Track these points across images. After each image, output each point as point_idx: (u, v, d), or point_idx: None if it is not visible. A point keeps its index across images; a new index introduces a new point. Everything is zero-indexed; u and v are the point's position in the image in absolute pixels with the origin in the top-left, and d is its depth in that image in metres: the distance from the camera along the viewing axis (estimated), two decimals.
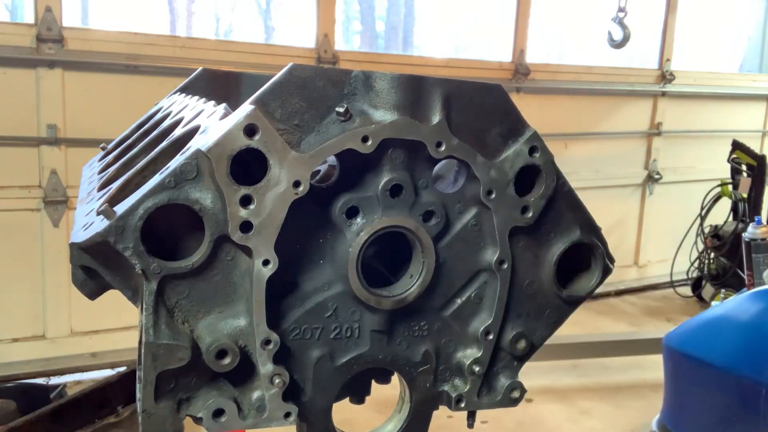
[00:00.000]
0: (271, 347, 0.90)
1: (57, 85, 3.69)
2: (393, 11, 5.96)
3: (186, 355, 0.84)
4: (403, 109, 0.93)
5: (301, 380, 0.97)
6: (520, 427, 3.48)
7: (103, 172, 1.22)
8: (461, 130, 0.96)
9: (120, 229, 0.82)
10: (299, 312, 0.96)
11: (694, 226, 5.65)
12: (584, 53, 6.58)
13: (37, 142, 3.69)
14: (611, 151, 5.84)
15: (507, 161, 0.99)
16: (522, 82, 5.22)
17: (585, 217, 1.08)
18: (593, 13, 6.03)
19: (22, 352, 3.81)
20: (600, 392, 3.92)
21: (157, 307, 0.85)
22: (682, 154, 6.19)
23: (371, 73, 0.92)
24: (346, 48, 5.05)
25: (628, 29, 4.57)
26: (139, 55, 3.85)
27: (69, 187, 3.76)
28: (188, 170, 0.84)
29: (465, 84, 0.97)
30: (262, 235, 0.87)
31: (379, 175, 0.96)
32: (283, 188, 0.87)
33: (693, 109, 6.21)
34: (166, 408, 0.88)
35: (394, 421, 1.06)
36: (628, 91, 5.81)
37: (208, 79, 1.64)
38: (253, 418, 0.92)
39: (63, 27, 3.66)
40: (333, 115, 0.90)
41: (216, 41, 4.46)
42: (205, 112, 1.07)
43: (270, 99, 0.87)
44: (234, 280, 0.90)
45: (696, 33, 6.67)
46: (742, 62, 7.24)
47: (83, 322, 3.92)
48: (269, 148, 0.86)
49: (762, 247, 4.30)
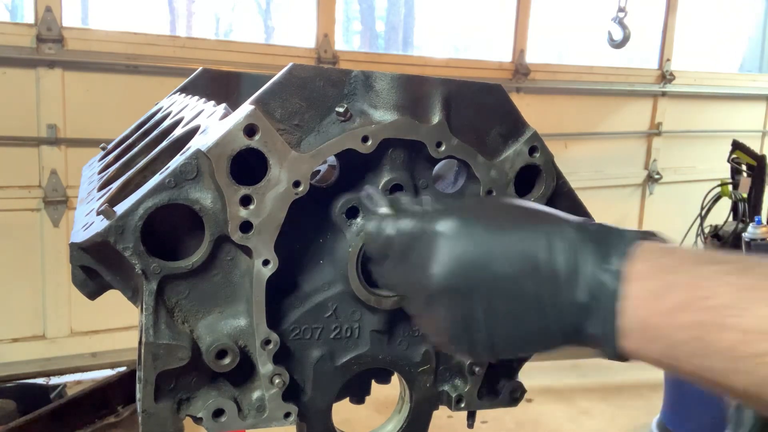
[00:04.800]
0: (271, 347, 0.90)
1: (57, 85, 3.69)
2: (393, 11, 5.96)
3: (186, 355, 0.84)
4: (403, 109, 0.93)
5: (301, 380, 0.97)
6: (520, 427, 3.48)
7: (103, 172, 1.22)
8: (461, 130, 0.96)
9: (120, 229, 0.82)
10: (299, 312, 0.96)
11: (694, 226, 5.65)
12: (584, 53, 6.58)
13: (37, 142, 3.69)
14: (611, 151, 5.84)
15: (507, 161, 0.99)
16: (522, 82, 5.22)
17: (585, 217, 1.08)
18: (593, 13, 6.03)
19: (22, 352, 3.80)
20: (600, 392, 3.92)
21: (157, 307, 0.85)
22: (682, 154, 6.19)
23: (371, 73, 0.92)
24: (346, 48, 5.05)
25: (628, 29, 4.57)
26: (139, 55, 3.85)
27: (69, 187, 3.76)
28: (188, 170, 0.84)
29: (465, 84, 0.97)
30: (262, 235, 0.87)
31: (379, 175, 0.96)
32: (283, 188, 0.87)
33: (693, 109, 6.21)
34: (166, 408, 0.88)
35: (394, 421, 1.06)
36: (628, 91, 5.81)
37: (208, 79, 1.64)
38: (253, 418, 0.92)
39: (63, 27, 3.66)
40: (333, 115, 0.90)
41: (216, 41, 4.46)
42: (205, 112, 1.07)
43: (270, 99, 0.87)
44: (234, 280, 0.90)
45: (696, 33, 6.67)
46: (742, 62, 7.24)
47: (83, 322, 3.92)
48: (269, 148, 0.86)
49: (762, 247, 4.30)
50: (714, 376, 0.62)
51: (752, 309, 0.59)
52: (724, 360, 0.60)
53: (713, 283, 0.62)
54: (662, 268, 0.65)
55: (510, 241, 0.71)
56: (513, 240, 0.71)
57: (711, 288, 0.62)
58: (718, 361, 0.61)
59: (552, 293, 0.69)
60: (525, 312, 0.70)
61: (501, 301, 0.71)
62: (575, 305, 0.68)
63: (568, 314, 0.69)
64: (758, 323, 0.58)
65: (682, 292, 0.63)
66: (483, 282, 0.71)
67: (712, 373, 0.62)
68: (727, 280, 0.61)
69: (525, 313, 0.70)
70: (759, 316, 0.58)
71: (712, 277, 0.63)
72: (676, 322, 0.62)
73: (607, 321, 0.67)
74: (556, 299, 0.69)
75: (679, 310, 0.62)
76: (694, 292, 0.62)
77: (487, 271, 0.71)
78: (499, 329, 0.72)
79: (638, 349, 0.66)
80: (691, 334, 0.62)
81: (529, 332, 0.71)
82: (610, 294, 0.66)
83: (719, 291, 0.61)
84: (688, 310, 0.62)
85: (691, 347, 0.62)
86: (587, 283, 0.68)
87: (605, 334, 0.67)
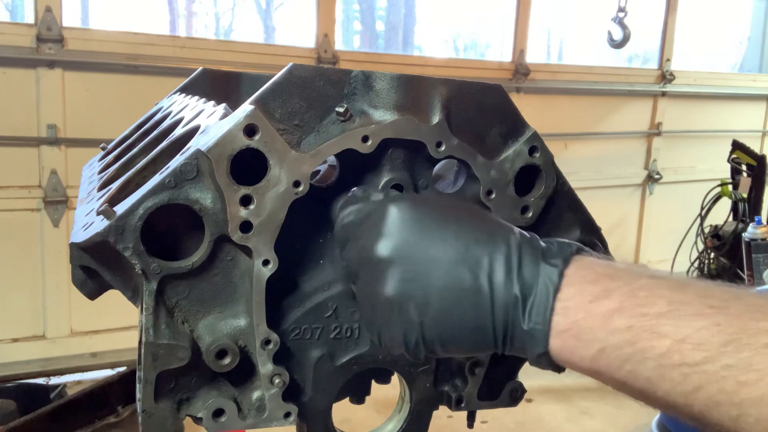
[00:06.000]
0: (271, 347, 0.90)
1: (57, 85, 3.69)
2: (393, 11, 5.96)
3: (186, 355, 0.84)
4: (403, 109, 0.93)
5: (301, 380, 0.97)
6: (520, 427, 3.49)
7: (103, 172, 1.22)
8: (461, 130, 0.96)
9: (120, 229, 0.82)
10: (299, 312, 0.96)
11: (694, 226, 5.65)
12: (584, 53, 6.58)
13: (37, 142, 3.69)
14: (611, 151, 5.84)
15: (507, 161, 0.99)
16: (522, 82, 5.22)
17: (585, 217, 1.08)
18: (593, 13, 6.04)
19: (22, 352, 3.81)
20: (600, 392, 3.92)
21: (157, 307, 0.85)
22: (682, 154, 6.20)
23: (371, 73, 0.92)
24: (346, 48, 5.05)
25: (628, 29, 4.58)
26: (139, 55, 3.85)
27: (69, 187, 3.77)
28: (188, 170, 0.84)
29: (465, 84, 0.97)
30: (262, 235, 0.87)
31: (379, 174, 0.96)
32: (283, 188, 0.87)
33: (693, 109, 6.21)
34: (166, 408, 0.88)
35: (394, 421, 1.06)
36: (628, 91, 5.81)
37: (208, 79, 1.63)
38: (253, 418, 0.92)
39: (63, 27, 3.66)
40: (333, 115, 0.90)
41: (216, 41, 4.46)
42: (205, 112, 1.07)
43: (270, 99, 0.87)
44: (234, 280, 0.90)
45: (696, 33, 6.67)
46: (742, 62, 7.24)
47: (83, 322, 3.92)
48: (269, 148, 0.86)
49: (762, 247, 4.30)
50: (642, 384, 0.62)
51: (687, 320, 0.59)
52: (654, 367, 0.60)
53: (650, 293, 0.63)
54: (600, 275, 0.66)
55: (456, 231, 0.72)
56: (459, 231, 0.72)
57: (647, 297, 0.62)
58: (648, 369, 0.61)
59: (489, 286, 0.69)
60: (459, 302, 0.70)
61: (437, 288, 0.71)
62: (510, 298, 0.68)
63: (503, 308, 0.69)
64: (692, 334, 0.58)
65: (619, 297, 0.63)
66: (422, 264, 0.71)
67: (641, 381, 0.62)
68: (664, 293, 0.62)
69: (459, 302, 0.70)
70: (693, 327, 0.59)
71: (648, 288, 0.63)
72: (611, 326, 0.63)
73: (539, 316, 0.67)
74: (493, 292, 0.69)
75: (615, 313, 0.63)
76: (630, 299, 0.63)
77: (428, 254, 0.71)
78: (431, 316, 0.71)
79: (569, 352, 0.66)
80: (624, 339, 0.62)
81: (462, 324, 0.71)
82: (546, 290, 0.67)
83: (655, 301, 0.62)
84: (624, 315, 0.62)
85: (622, 352, 0.62)
86: (525, 278, 0.68)
87: (537, 331, 0.67)
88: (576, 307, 0.65)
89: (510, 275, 0.69)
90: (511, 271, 0.69)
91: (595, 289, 0.65)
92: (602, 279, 0.66)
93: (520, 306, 0.68)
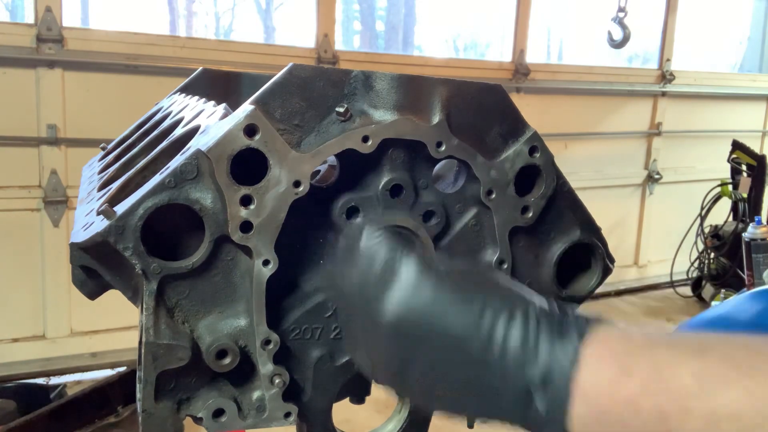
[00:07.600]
0: (271, 347, 0.90)
1: (57, 85, 3.69)
2: (393, 11, 5.96)
3: (186, 355, 0.84)
4: (403, 109, 0.93)
5: (301, 380, 0.97)
6: None
7: (103, 172, 1.22)
8: (461, 130, 0.96)
9: (120, 229, 0.82)
10: (299, 312, 0.96)
11: (694, 226, 5.65)
12: (584, 53, 6.58)
13: (37, 142, 3.69)
14: (611, 151, 5.84)
15: (507, 161, 0.99)
16: (522, 82, 5.22)
17: (585, 217, 1.08)
18: (593, 13, 6.03)
19: (22, 352, 3.81)
20: None
21: (157, 307, 0.84)
22: (682, 154, 6.20)
23: (371, 73, 0.92)
24: (346, 48, 5.05)
25: (628, 29, 4.57)
26: (139, 55, 3.85)
27: (69, 187, 3.77)
28: (188, 170, 0.84)
29: (465, 84, 0.97)
30: (262, 235, 0.87)
31: (380, 175, 0.96)
32: (284, 188, 0.87)
33: (693, 109, 6.21)
34: (166, 408, 0.87)
35: (394, 421, 1.06)
36: (628, 91, 5.81)
37: (208, 79, 1.63)
38: (253, 418, 0.92)
39: (63, 27, 3.66)
40: (333, 115, 0.90)
41: (216, 41, 4.46)
42: (205, 112, 1.07)
43: (270, 99, 0.87)
44: (234, 280, 0.90)
45: (696, 33, 6.67)
46: (742, 62, 7.24)
47: (83, 322, 3.92)
48: (269, 148, 0.86)
49: (762, 247, 4.30)
50: None
51: (714, 394, 0.57)
52: None
53: (672, 368, 0.60)
54: (619, 353, 0.64)
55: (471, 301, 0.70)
56: (474, 301, 0.69)
57: (670, 373, 0.60)
58: None
59: (501, 363, 0.66)
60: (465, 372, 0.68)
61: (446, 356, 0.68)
62: (524, 380, 0.65)
63: (515, 388, 0.66)
64: (722, 409, 0.57)
65: (641, 377, 0.61)
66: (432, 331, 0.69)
67: None
68: (687, 365, 0.60)
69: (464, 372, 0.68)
70: (722, 401, 0.57)
71: (670, 362, 0.61)
72: (635, 408, 0.60)
73: (556, 401, 0.64)
74: (505, 370, 0.66)
75: (639, 395, 0.60)
76: (653, 377, 0.61)
77: (440, 323, 0.69)
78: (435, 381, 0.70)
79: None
80: (651, 421, 0.60)
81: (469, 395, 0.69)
82: (563, 374, 0.64)
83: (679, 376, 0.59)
84: (648, 395, 0.60)
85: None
86: (540, 360, 0.65)
87: (553, 416, 0.64)
88: (596, 391, 0.63)
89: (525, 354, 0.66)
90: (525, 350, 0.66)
91: (615, 369, 0.62)
92: (622, 356, 0.63)
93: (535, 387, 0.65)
